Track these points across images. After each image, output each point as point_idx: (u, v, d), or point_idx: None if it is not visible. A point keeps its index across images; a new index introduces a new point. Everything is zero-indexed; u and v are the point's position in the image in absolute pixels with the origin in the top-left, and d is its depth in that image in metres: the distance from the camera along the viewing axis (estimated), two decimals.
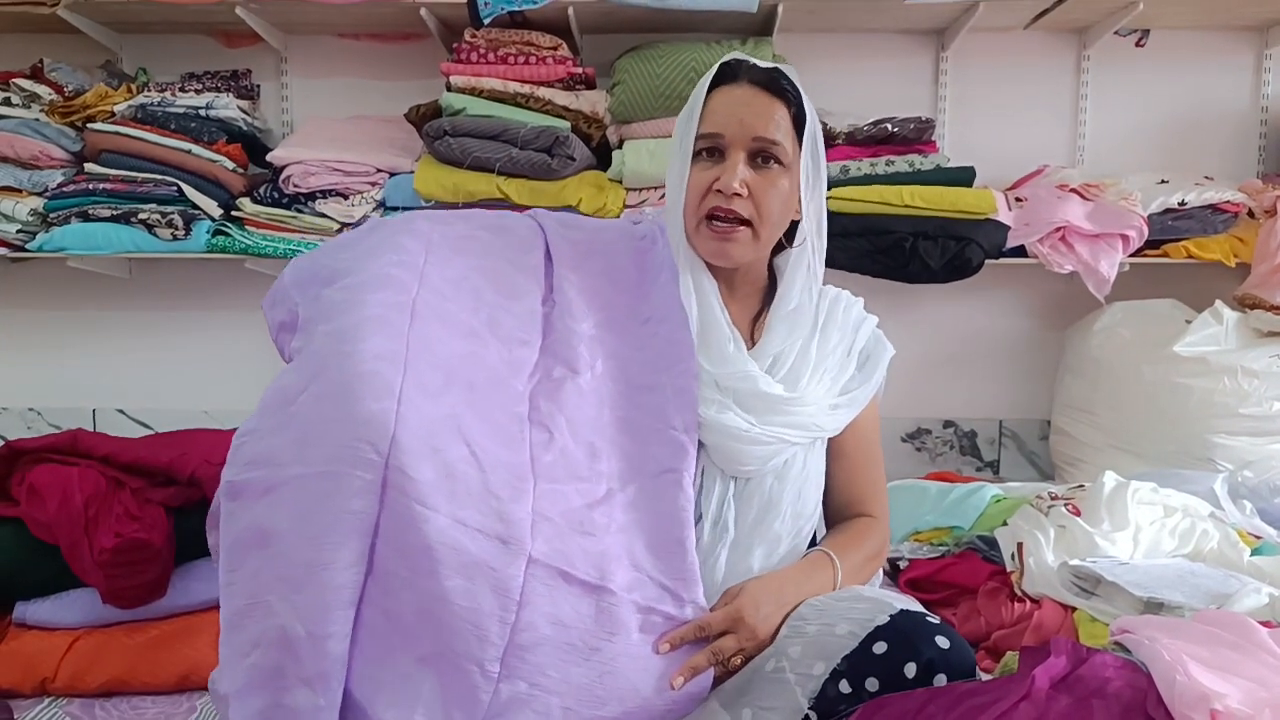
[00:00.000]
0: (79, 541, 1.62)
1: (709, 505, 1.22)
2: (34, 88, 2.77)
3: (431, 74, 2.83)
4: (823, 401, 1.28)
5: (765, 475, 1.24)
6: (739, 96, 1.25)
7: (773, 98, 1.25)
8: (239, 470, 1.08)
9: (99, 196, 2.68)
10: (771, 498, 1.23)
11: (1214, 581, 1.60)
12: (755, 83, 1.26)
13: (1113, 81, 2.96)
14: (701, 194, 1.25)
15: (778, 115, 1.24)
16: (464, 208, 2.67)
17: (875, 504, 1.36)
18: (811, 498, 1.28)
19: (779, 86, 1.26)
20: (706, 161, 1.25)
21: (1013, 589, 1.74)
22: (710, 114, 1.25)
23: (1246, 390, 2.44)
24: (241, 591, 1.03)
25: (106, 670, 1.66)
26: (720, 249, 1.26)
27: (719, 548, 1.21)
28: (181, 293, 3.09)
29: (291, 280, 1.25)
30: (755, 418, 1.22)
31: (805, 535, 1.27)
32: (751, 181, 1.23)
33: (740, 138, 1.23)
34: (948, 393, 3.08)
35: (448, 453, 1.05)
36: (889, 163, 2.69)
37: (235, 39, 3.00)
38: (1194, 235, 2.72)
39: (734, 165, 1.23)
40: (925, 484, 2.28)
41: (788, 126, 1.25)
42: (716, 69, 1.27)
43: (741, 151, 1.23)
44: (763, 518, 1.23)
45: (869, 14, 2.76)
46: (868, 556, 1.29)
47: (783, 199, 1.26)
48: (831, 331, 1.34)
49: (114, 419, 3.12)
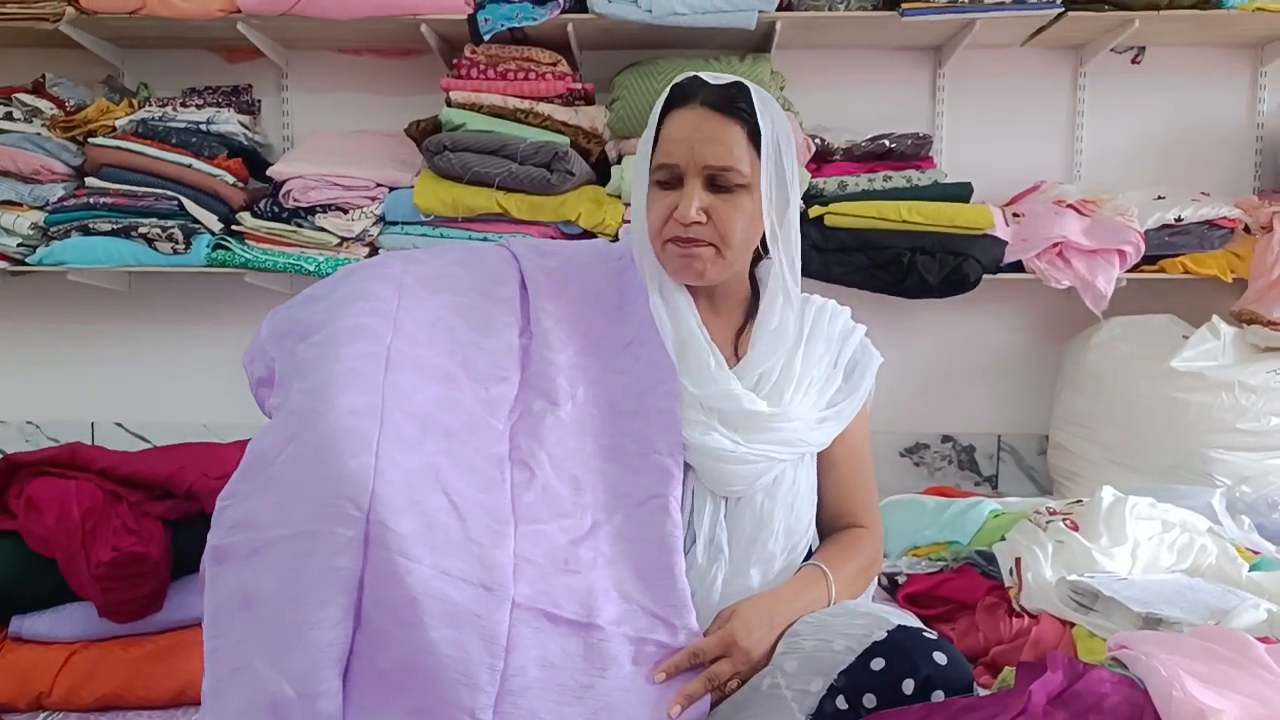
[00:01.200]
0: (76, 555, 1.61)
1: (701, 526, 1.21)
2: (36, 102, 2.79)
3: (432, 89, 2.84)
4: (809, 416, 1.27)
5: (755, 494, 1.23)
6: (691, 121, 1.23)
7: (726, 119, 1.23)
8: (222, 535, 1.08)
9: (99, 210, 2.69)
10: (763, 516, 1.22)
11: (1212, 597, 1.60)
12: (708, 104, 1.24)
13: (1109, 98, 2.98)
14: (662, 220, 1.24)
15: (731, 138, 1.22)
16: (463, 222, 2.69)
17: (867, 514, 1.35)
18: (804, 513, 1.27)
19: (732, 106, 1.24)
20: (664, 190, 1.25)
21: (1011, 604, 1.73)
22: (664, 142, 1.24)
23: (1244, 405, 2.45)
24: (226, 659, 1.02)
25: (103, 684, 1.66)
26: (687, 267, 1.25)
27: (714, 569, 1.20)
28: (181, 307, 3.10)
29: (268, 335, 1.25)
30: (741, 436, 1.22)
31: (800, 551, 1.27)
32: (710, 207, 1.22)
33: (694, 165, 1.21)
34: (946, 408, 3.08)
35: (427, 503, 1.06)
36: (887, 178, 2.70)
37: (236, 54, 3.01)
38: (1191, 251, 2.73)
39: (690, 194, 1.21)
40: (923, 499, 2.28)
41: (744, 147, 1.23)
42: (669, 91, 1.26)
43: (697, 179, 1.22)
44: (756, 536, 1.22)
45: (866, 30, 2.77)
46: (861, 568, 1.28)
47: (746, 219, 1.24)
48: (817, 342, 1.32)
49: (112, 432, 3.12)
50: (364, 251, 2.76)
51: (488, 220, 2.67)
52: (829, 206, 2.65)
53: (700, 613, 1.16)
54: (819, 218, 2.65)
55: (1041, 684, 0.99)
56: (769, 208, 1.25)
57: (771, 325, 1.30)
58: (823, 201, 2.68)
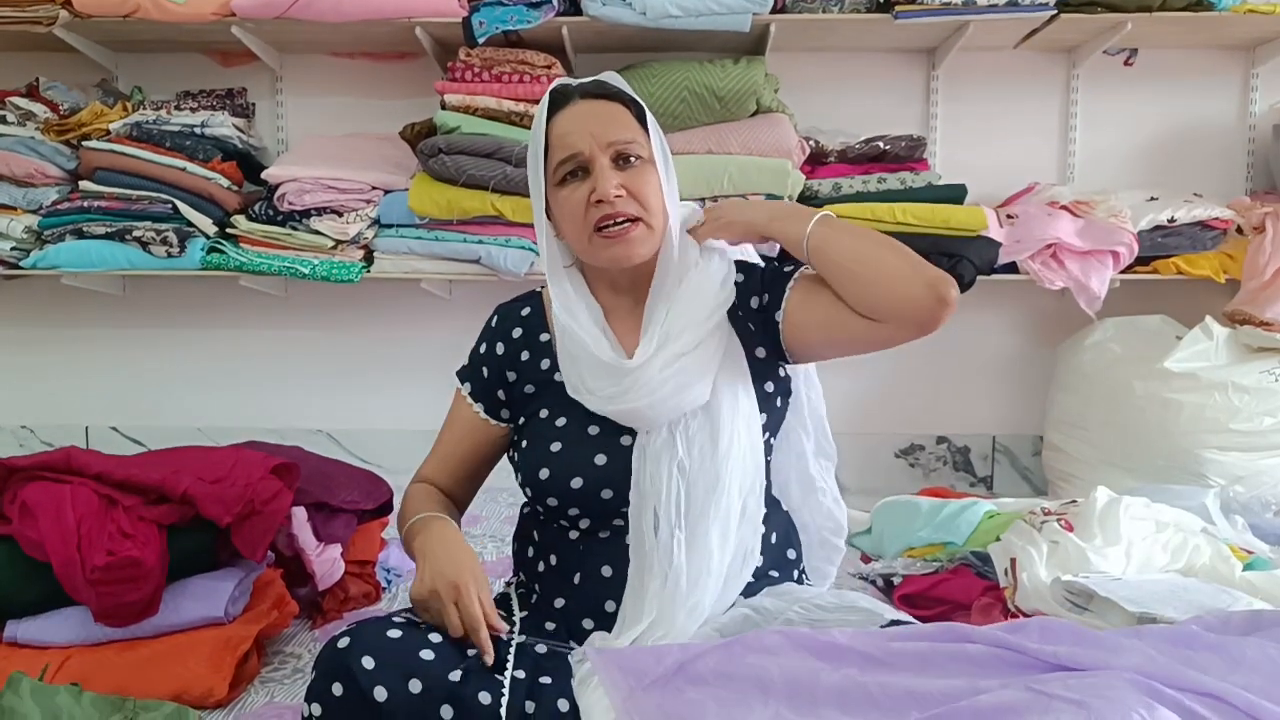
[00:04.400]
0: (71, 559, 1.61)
1: (660, 498, 1.19)
2: (29, 106, 2.78)
3: (426, 92, 2.84)
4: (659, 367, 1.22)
5: (696, 435, 1.21)
6: (581, 112, 1.26)
7: (610, 102, 1.27)
8: None
9: (93, 214, 2.68)
10: (711, 462, 1.20)
11: (1206, 596, 1.60)
12: (588, 95, 1.28)
13: (1102, 100, 2.99)
14: (582, 211, 1.24)
15: (622, 117, 1.27)
16: (458, 224, 2.68)
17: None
18: (748, 447, 1.24)
19: (611, 91, 1.28)
20: (574, 182, 1.25)
21: (1006, 605, 1.74)
22: (560, 138, 1.25)
23: (1237, 406, 2.46)
24: None
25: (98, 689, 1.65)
26: (623, 250, 1.23)
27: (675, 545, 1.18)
28: (176, 310, 3.09)
29: None
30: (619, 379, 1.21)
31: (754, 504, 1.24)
32: (624, 182, 1.23)
33: (598, 146, 1.23)
34: (940, 409, 3.09)
35: None
36: (881, 180, 2.71)
37: (231, 58, 3.01)
38: (1184, 252, 2.75)
39: (603, 172, 1.22)
40: (918, 500, 2.28)
41: (634, 124, 1.27)
42: (548, 98, 1.28)
43: (604, 158, 1.23)
44: (712, 489, 1.19)
45: (860, 33, 2.78)
46: (877, 240, 1.27)
47: (656, 189, 1.26)
48: (704, 284, 1.27)
49: (107, 436, 3.12)
50: (359, 254, 2.76)
51: (482, 223, 2.68)
52: (823, 209, 2.65)
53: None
54: None
55: None
56: (669, 182, 1.27)
57: (663, 289, 1.27)
58: (817, 203, 2.69)
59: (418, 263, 2.76)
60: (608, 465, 1.22)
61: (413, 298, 2.99)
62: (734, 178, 2.64)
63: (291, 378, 3.13)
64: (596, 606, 1.21)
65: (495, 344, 1.35)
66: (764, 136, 2.68)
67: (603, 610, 1.21)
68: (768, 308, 1.29)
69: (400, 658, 1.07)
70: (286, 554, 1.88)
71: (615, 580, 1.21)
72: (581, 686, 1.10)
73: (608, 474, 1.22)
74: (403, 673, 1.05)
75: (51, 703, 1.43)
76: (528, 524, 1.33)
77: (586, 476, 1.22)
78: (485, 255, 2.68)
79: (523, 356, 1.32)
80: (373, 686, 1.04)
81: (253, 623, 1.70)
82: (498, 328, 1.36)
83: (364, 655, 1.05)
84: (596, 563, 1.22)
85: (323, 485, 2.00)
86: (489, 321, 1.38)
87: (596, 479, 1.22)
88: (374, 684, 1.04)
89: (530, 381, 1.32)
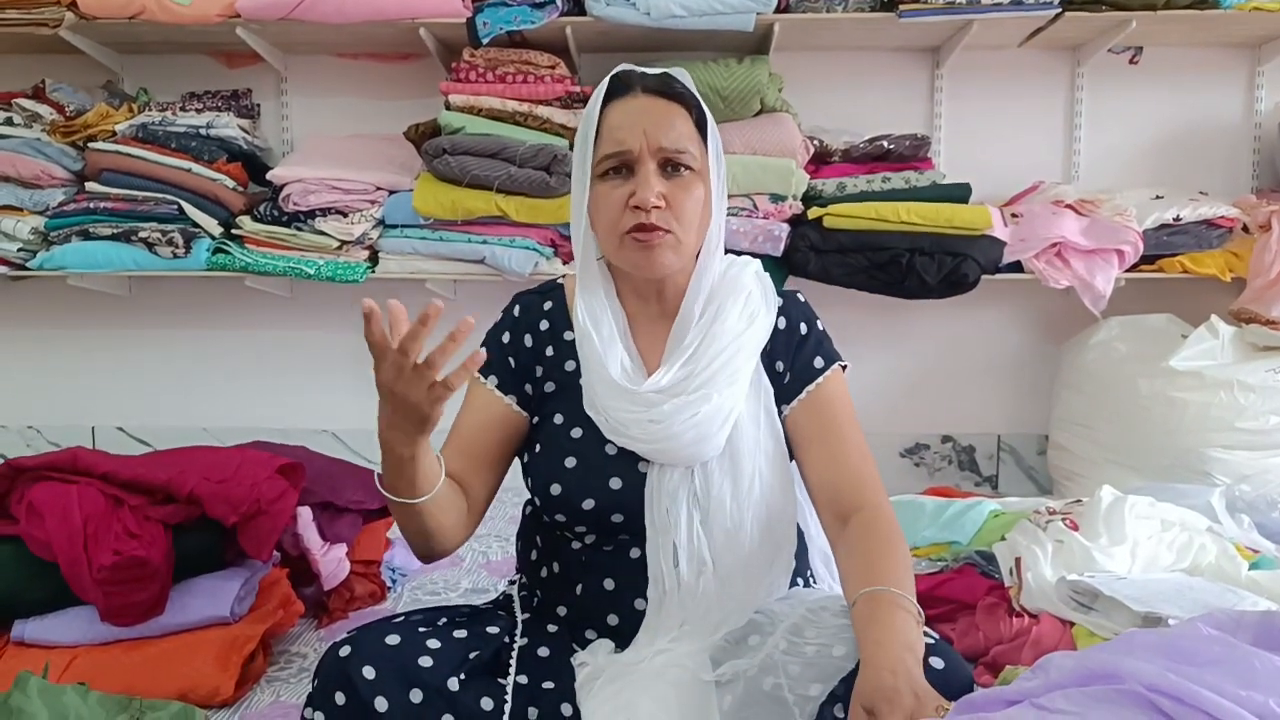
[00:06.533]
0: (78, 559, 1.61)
1: (681, 539, 1.16)
2: (36, 107, 2.79)
3: (430, 93, 2.85)
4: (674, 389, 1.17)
5: (715, 473, 1.18)
6: (638, 107, 1.18)
7: (671, 103, 1.19)
8: None
9: (100, 215, 2.69)
10: (724, 494, 1.17)
11: (1212, 596, 1.60)
12: (650, 91, 1.20)
13: (1107, 98, 2.98)
14: (619, 212, 1.18)
15: (680, 122, 1.19)
16: (463, 225, 2.69)
17: (869, 487, 1.20)
18: (770, 483, 1.21)
19: (675, 91, 1.20)
20: (616, 179, 1.18)
21: (1011, 604, 1.73)
22: (611, 130, 1.18)
23: (1243, 404, 2.45)
24: None
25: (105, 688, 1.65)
26: (647, 259, 1.18)
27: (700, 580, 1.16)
28: (181, 310, 3.10)
29: None
30: (648, 408, 1.16)
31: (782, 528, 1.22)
32: (666, 192, 1.16)
33: (647, 149, 1.16)
34: (946, 408, 3.09)
35: None
36: (885, 179, 2.70)
37: (236, 59, 3.02)
38: (1189, 250, 2.74)
39: (647, 177, 1.15)
40: (923, 499, 2.28)
41: (691, 131, 1.19)
42: (608, 83, 1.22)
43: (652, 163, 1.16)
44: (736, 533, 1.17)
45: (864, 32, 2.78)
46: (905, 565, 1.13)
47: (698, 205, 1.19)
48: (729, 307, 1.22)
49: (113, 436, 3.13)
50: (363, 255, 2.76)
51: (487, 223, 2.68)
52: (827, 208, 2.66)
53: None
54: (818, 219, 2.66)
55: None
56: (718, 200, 1.21)
57: (694, 316, 1.22)
58: (821, 203, 2.69)
59: (422, 263, 2.76)
60: (622, 490, 1.18)
61: (417, 298, 2.96)
62: (738, 177, 2.64)
63: (297, 378, 3.13)
64: (599, 618, 1.20)
65: (523, 335, 1.27)
66: (768, 136, 2.68)
67: (605, 622, 1.19)
68: (786, 388, 1.25)
69: (400, 666, 1.06)
70: (292, 553, 1.88)
71: (618, 593, 1.19)
72: (584, 690, 1.10)
73: (621, 499, 1.18)
74: (403, 682, 1.05)
75: (59, 702, 1.43)
76: (531, 526, 1.31)
77: (599, 499, 1.18)
78: (490, 255, 2.68)
79: (548, 352, 1.26)
80: (374, 697, 1.03)
81: (258, 622, 1.71)
82: (522, 318, 1.28)
83: (365, 665, 1.05)
84: (599, 575, 1.20)
85: (328, 485, 2.01)
86: (510, 310, 1.30)
87: (609, 503, 1.18)
88: (375, 694, 1.03)
89: (552, 380, 1.25)
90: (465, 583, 2.16)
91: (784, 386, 1.24)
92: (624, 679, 1.11)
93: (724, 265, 1.26)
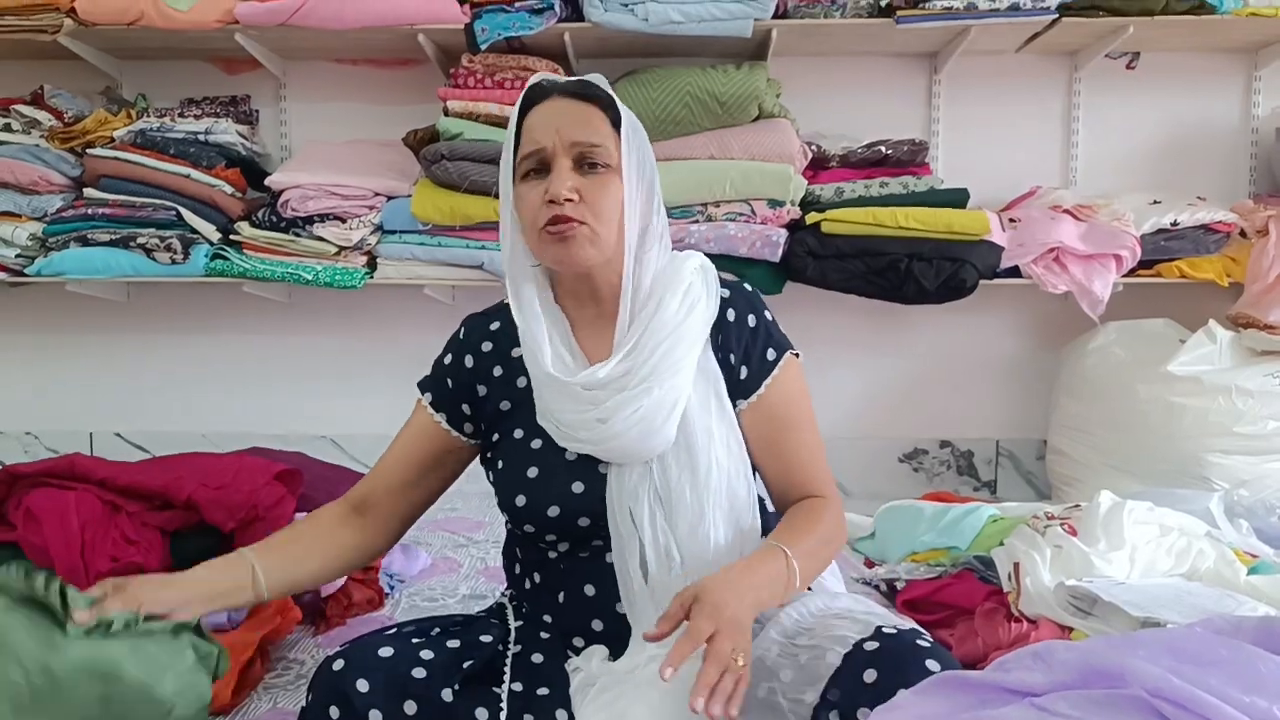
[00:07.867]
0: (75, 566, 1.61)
1: (647, 537, 1.17)
2: (34, 114, 2.80)
3: (429, 99, 2.85)
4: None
5: (671, 467, 1.19)
6: (554, 108, 1.23)
7: (586, 103, 1.23)
8: None
9: (98, 221, 2.69)
10: (684, 487, 1.19)
11: (1210, 601, 1.60)
12: (566, 93, 1.24)
13: (1104, 104, 2.99)
14: (536, 209, 1.21)
15: (594, 119, 1.22)
16: (461, 230, 2.69)
17: (818, 483, 1.26)
18: (728, 468, 1.22)
19: (590, 92, 1.24)
20: (535, 179, 1.21)
21: (1010, 609, 1.73)
22: (528, 131, 1.23)
23: (1241, 409, 2.45)
24: None
25: None
26: (565, 251, 1.20)
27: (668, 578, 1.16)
28: (179, 316, 3.10)
29: None
30: (598, 397, 1.18)
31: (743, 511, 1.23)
32: (581, 186, 1.19)
33: (561, 145, 1.20)
34: (944, 413, 3.09)
35: None
36: (883, 185, 2.71)
37: (234, 65, 3.02)
38: (1187, 255, 2.74)
39: (560, 172, 1.19)
40: (922, 504, 2.28)
41: (608, 129, 1.22)
42: (525, 91, 1.26)
43: (566, 159, 1.20)
44: (698, 521, 1.18)
45: (862, 38, 2.79)
46: (824, 540, 1.20)
47: (615, 200, 1.21)
48: (669, 301, 1.23)
49: (111, 442, 3.12)
50: (362, 260, 2.76)
51: (485, 229, 2.68)
52: (825, 213, 2.66)
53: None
54: (816, 224, 2.66)
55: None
56: (633, 195, 1.22)
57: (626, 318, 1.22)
58: (819, 208, 2.69)
59: (421, 268, 2.77)
60: (584, 494, 1.19)
61: (416, 303, 2.99)
62: (736, 183, 2.64)
63: (295, 384, 3.13)
64: (584, 625, 1.20)
65: (464, 357, 1.30)
66: (766, 141, 2.68)
67: (590, 629, 1.20)
68: (741, 384, 1.26)
69: (394, 678, 1.06)
70: None
71: (598, 599, 1.19)
72: (578, 697, 1.09)
73: (585, 502, 1.19)
74: (397, 694, 1.05)
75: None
76: (512, 541, 1.32)
77: (563, 506, 1.19)
78: (488, 261, 2.69)
79: (495, 372, 1.28)
80: (368, 710, 1.03)
81: (256, 629, 1.70)
82: (466, 340, 1.32)
83: (359, 678, 1.05)
84: (578, 582, 1.21)
85: (326, 491, 2.00)
86: (456, 334, 1.34)
87: (573, 508, 1.19)
88: (370, 707, 1.03)
89: (506, 398, 1.28)
90: (463, 588, 2.15)
91: (739, 383, 1.26)
92: (618, 686, 1.11)
93: (665, 261, 1.28)
